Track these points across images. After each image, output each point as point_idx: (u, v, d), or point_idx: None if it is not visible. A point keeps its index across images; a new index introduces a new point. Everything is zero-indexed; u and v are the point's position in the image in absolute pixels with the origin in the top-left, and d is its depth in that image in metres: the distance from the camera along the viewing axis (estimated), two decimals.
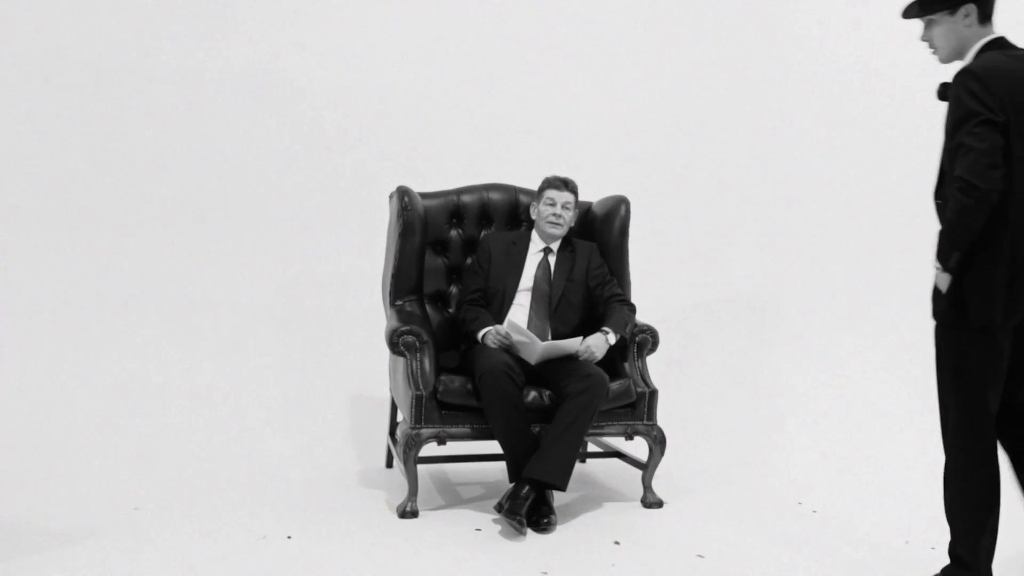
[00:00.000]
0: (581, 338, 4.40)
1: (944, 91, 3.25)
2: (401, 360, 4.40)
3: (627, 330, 4.55)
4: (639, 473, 4.55)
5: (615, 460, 4.90)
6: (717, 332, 5.92)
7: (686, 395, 5.52)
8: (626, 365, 4.61)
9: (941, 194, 3.29)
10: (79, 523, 3.97)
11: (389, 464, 4.95)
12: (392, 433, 4.86)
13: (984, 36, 3.27)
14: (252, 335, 5.69)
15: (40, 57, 5.60)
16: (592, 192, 4.98)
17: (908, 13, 3.38)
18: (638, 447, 4.67)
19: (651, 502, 4.46)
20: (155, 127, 5.72)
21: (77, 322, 5.55)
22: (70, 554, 3.62)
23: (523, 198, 4.97)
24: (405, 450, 4.22)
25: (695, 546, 3.94)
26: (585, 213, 4.95)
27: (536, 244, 4.67)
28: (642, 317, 4.75)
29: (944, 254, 3.18)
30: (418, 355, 4.35)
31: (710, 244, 5.87)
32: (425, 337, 4.36)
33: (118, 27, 5.67)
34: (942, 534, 3.83)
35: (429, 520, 4.18)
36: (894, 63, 5.82)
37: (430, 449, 4.45)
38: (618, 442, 4.82)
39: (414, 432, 4.23)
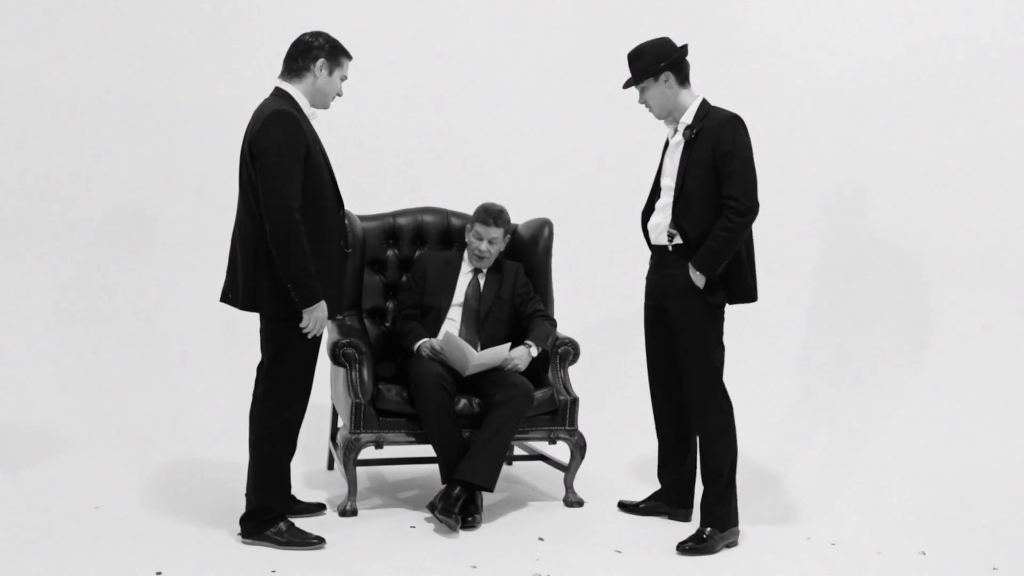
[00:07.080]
0: (509, 344, 4.52)
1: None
2: (342, 370, 4.50)
3: (548, 343, 4.69)
4: (561, 475, 4.68)
5: (539, 463, 5.03)
6: (634, 344, 5.61)
7: (605, 402, 5.57)
8: (549, 375, 4.74)
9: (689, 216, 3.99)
10: (41, 520, 4.03)
11: (330, 466, 5.05)
12: (333, 438, 4.97)
13: (691, 96, 4.03)
14: (206, 345, 5.78)
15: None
16: (519, 214, 5.07)
17: (627, 85, 4.08)
18: (560, 451, 4.80)
19: (572, 501, 4.60)
20: (107, 147, 5.82)
21: (37, 329, 5.62)
22: (32, 551, 3.69)
23: (455, 220, 5.06)
24: (345, 453, 4.34)
25: (613, 542, 4.10)
26: (512, 234, 4.99)
27: (468, 264, 4.77)
28: (565, 330, 4.87)
29: (717, 264, 3.88)
30: (357, 366, 4.44)
31: (626, 263, 5.77)
32: (364, 349, 4.46)
33: (60, 52, 5.80)
34: (836, 528, 4.18)
35: (367, 518, 4.30)
36: (801, 87, 6.03)
37: (368, 452, 4.55)
38: (542, 446, 4.95)
39: (353, 437, 4.34)
